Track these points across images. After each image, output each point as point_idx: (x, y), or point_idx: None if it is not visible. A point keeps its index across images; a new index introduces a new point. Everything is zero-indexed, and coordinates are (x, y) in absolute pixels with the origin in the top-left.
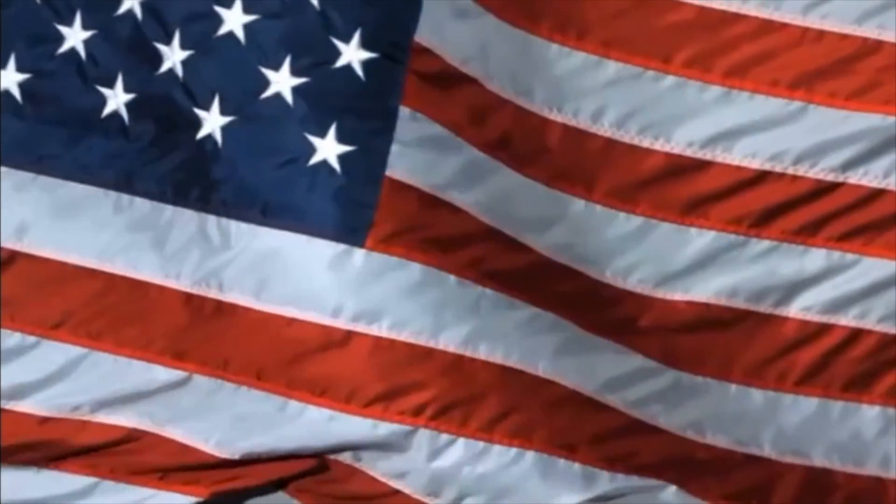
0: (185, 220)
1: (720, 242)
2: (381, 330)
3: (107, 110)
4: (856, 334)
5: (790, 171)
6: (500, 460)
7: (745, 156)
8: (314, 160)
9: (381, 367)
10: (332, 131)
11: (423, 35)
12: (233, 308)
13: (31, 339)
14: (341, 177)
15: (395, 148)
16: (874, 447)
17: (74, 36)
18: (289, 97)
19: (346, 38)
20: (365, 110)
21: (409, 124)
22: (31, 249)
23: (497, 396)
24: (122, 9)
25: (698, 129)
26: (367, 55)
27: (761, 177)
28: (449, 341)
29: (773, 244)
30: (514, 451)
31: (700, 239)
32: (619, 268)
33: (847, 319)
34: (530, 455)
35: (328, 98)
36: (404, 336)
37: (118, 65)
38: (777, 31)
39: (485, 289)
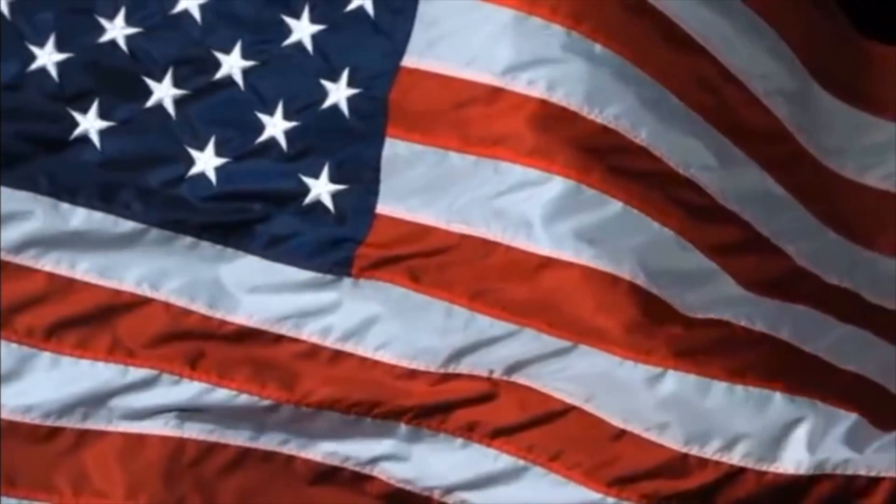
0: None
1: None
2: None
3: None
4: None
5: None
6: None
7: None
8: (309, 200)
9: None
10: (325, 171)
11: (412, 57)
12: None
13: None
14: (334, 214)
15: (383, 181)
16: None
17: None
18: (282, 140)
19: (335, 78)
20: (353, 147)
21: (395, 153)
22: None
23: None
24: (105, 38)
25: None
26: (352, 92)
27: None
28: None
29: None
30: None
31: None
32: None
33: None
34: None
35: (319, 139)
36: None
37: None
38: None
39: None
